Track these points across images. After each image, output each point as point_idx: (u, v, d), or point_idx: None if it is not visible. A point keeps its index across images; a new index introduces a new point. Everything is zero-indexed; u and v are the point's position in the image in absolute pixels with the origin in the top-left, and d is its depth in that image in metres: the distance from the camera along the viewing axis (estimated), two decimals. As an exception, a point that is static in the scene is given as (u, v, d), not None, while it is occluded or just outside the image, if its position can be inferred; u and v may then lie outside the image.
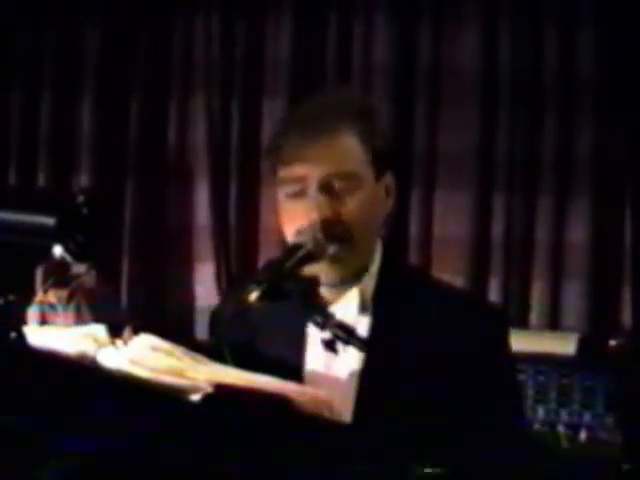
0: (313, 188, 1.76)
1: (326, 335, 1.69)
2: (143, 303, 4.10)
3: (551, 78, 3.83)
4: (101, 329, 1.52)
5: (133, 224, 4.15)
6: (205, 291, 4.08)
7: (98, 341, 1.51)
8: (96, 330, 1.52)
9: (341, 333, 1.66)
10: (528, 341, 3.31)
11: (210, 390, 1.38)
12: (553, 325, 3.80)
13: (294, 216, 1.79)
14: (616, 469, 3.24)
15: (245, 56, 4.11)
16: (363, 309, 1.81)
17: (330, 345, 1.69)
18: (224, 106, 4.11)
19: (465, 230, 3.86)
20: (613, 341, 3.53)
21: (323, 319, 1.67)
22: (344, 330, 1.66)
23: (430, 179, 3.91)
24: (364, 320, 1.80)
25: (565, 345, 3.48)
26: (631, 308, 3.73)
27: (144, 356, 1.45)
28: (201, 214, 4.12)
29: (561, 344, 3.49)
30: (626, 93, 3.77)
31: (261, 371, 1.47)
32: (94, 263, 3.12)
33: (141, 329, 1.53)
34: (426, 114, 3.93)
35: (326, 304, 1.81)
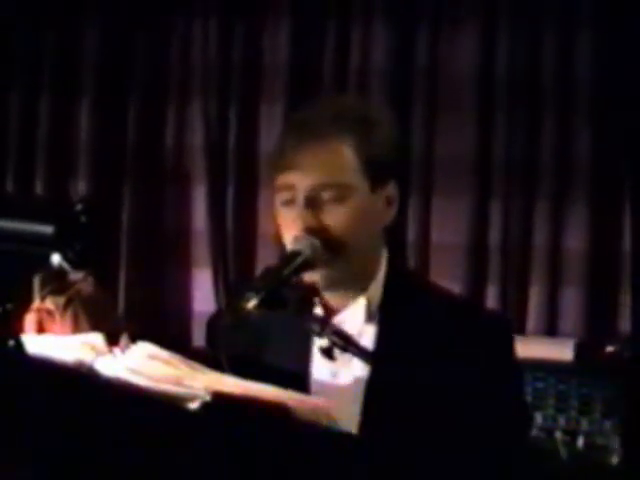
0: (300, 198, 1.76)
1: (324, 342, 1.68)
2: (140, 309, 4.09)
3: (549, 83, 3.83)
4: (99, 338, 1.52)
5: (130, 229, 4.14)
6: (202, 296, 4.07)
7: (96, 349, 1.51)
8: (94, 339, 1.52)
9: (338, 340, 1.65)
10: (525, 347, 3.28)
11: (208, 398, 1.38)
12: (551, 331, 3.79)
13: (287, 223, 1.80)
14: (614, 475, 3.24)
15: (243, 61, 4.11)
16: (369, 318, 1.81)
17: (327, 352, 1.69)
18: (222, 111, 4.11)
19: (462, 236, 3.86)
20: (611, 347, 3.53)
21: (320, 326, 1.67)
22: (341, 337, 1.66)
23: (427, 185, 3.91)
24: (370, 329, 1.80)
25: (563, 351, 3.48)
26: (629, 314, 3.73)
27: (142, 365, 1.45)
28: (198, 219, 4.12)
29: (559, 350, 3.49)
30: (625, 98, 3.76)
31: (266, 381, 1.47)
32: (91, 270, 3.12)
33: (138, 336, 1.53)
34: (423, 119, 3.93)
35: (333, 312, 1.81)
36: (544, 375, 3.39)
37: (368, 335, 1.78)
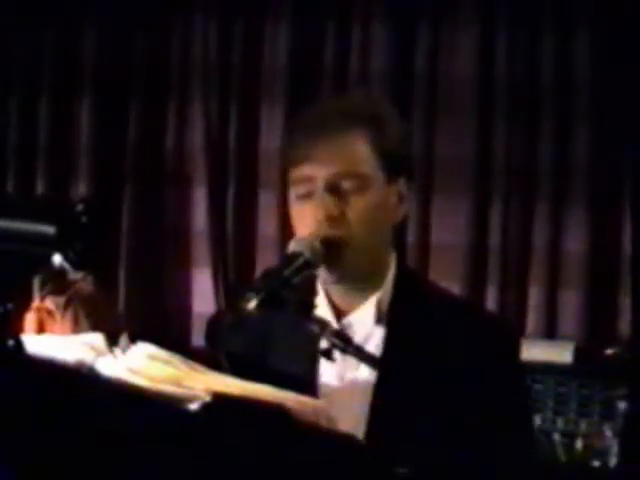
0: (320, 188, 1.76)
1: (323, 344, 1.68)
2: (140, 309, 4.10)
3: (548, 84, 3.83)
4: (99, 338, 1.52)
5: (130, 229, 4.14)
6: (202, 297, 4.07)
7: (96, 349, 1.50)
8: (94, 339, 1.52)
9: (338, 342, 1.65)
10: (525, 349, 3.29)
11: (208, 399, 1.38)
12: (550, 333, 3.79)
13: (303, 217, 1.78)
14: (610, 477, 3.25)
15: (243, 61, 4.11)
16: (379, 320, 1.80)
17: (327, 354, 1.68)
18: (222, 111, 4.12)
19: (462, 237, 3.86)
20: (610, 350, 3.54)
21: (319, 328, 1.67)
22: (341, 339, 1.66)
23: (427, 186, 3.91)
24: (379, 331, 1.80)
25: (562, 353, 3.48)
26: (629, 316, 3.73)
27: (142, 365, 1.44)
28: (198, 219, 4.12)
29: (558, 352, 3.49)
30: (623, 101, 3.77)
31: (273, 384, 1.47)
32: (91, 270, 3.12)
33: (138, 336, 1.53)
34: (423, 120, 3.93)
35: (342, 314, 1.81)
36: (543, 377, 3.39)
37: (376, 337, 1.78)
